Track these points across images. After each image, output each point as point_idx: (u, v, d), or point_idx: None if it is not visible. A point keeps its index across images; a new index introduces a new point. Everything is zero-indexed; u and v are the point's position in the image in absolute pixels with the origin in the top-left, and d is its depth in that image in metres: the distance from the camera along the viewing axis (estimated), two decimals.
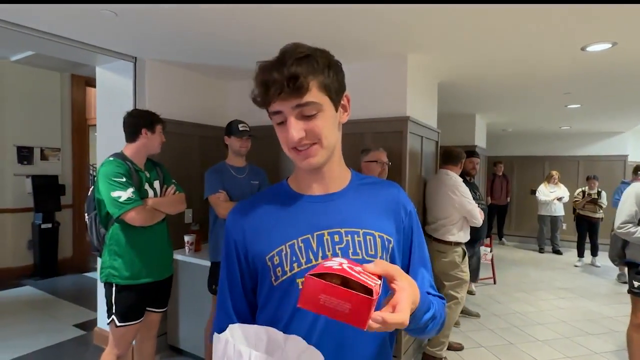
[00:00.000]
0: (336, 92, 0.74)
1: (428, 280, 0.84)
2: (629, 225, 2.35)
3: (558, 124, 6.36)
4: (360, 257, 0.75)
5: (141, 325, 2.02)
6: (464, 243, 2.93)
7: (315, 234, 0.77)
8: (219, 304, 0.85)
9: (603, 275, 5.45)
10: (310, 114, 0.71)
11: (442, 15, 2.00)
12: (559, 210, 6.58)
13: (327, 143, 0.75)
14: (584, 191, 5.96)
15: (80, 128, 5.20)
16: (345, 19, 2.06)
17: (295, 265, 0.75)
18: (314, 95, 0.70)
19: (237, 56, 2.69)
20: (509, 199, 7.29)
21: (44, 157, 4.83)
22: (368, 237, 0.77)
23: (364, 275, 0.56)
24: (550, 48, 2.53)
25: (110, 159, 1.93)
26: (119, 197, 1.81)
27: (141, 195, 1.93)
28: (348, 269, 0.56)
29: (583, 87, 3.67)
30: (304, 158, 0.74)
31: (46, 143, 4.86)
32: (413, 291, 0.61)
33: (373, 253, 0.77)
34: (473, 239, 3.10)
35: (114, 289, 1.92)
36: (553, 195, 6.51)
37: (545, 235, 6.86)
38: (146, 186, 2.00)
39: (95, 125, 3.09)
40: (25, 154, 4.67)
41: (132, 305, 1.94)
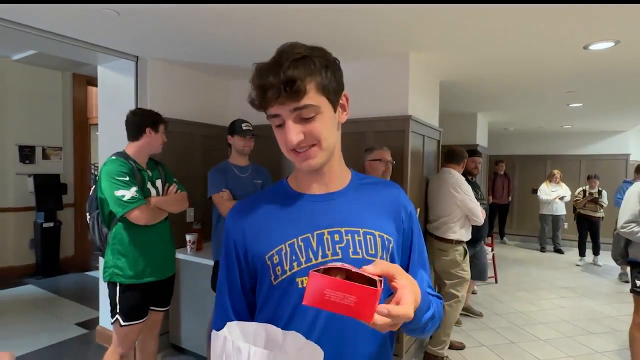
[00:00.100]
0: (334, 93, 0.74)
1: (427, 281, 0.84)
2: (632, 224, 2.34)
3: (560, 123, 6.35)
4: (360, 257, 0.75)
5: (144, 324, 2.02)
6: (465, 242, 2.93)
7: (315, 233, 0.76)
8: (217, 303, 0.84)
9: (604, 275, 5.44)
10: (308, 117, 0.70)
11: (444, 14, 2.00)
12: (560, 209, 6.57)
13: (327, 144, 0.74)
14: (584, 190, 5.95)
15: (82, 127, 5.21)
16: (346, 19, 2.05)
17: (295, 264, 0.75)
18: (311, 97, 0.69)
19: (239, 55, 2.69)
20: (510, 198, 7.28)
21: (45, 156, 4.84)
22: (368, 237, 0.77)
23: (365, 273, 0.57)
24: (553, 47, 2.52)
25: (113, 157, 1.92)
26: (123, 196, 1.81)
27: (144, 194, 1.92)
28: (349, 267, 0.57)
29: (585, 86, 3.65)
30: (304, 160, 0.74)
31: (48, 142, 4.86)
32: (414, 289, 0.61)
33: (373, 252, 0.76)
34: (474, 238, 3.10)
35: (118, 288, 1.91)
36: (554, 195, 6.50)
37: (546, 235, 6.86)
38: (148, 185, 1.99)
39: (96, 124, 3.10)
40: (27, 153, 4.67)
41: (136, 304, 1.94)
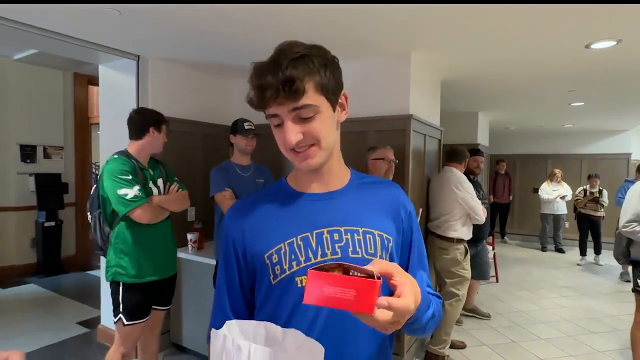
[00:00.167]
0: (333, 92, 0.73)
1: (426, 281, 0.84)
2: (634, 224, 2.33)
3: (561, 122, 6.34)
4: (359, 256, 0.75)
5: (146, 324, 2.02)
6: (467, 241, 2.92)
7: (314, 232, 0.76)
8: (216, 302, 0.84)
9: (606, 274, 5.43)
10: (307, 116, 0.70)
11: (445, 13, 1.99)
12: (561, 208, 6.56)
13: (326, 144, 0.74)
14: (585, 190, 5.95)
15: (83, 126, 5.22)
16: (348, 19, 2.05)
17: (294, 263, 0.74)
18: (310, 97, 0.69)
19: (240, 55, 2.69)
20: (511, 198, 7.28)
21: (46, 156, 4.84)
22: (368, 236, 0.77)
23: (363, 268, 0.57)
24: (554, 46, 2.51)
25: (115, 156, 1.92)
26: (126, 195, 1.80)
27: (146, 193, 1.92)
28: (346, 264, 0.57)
29: (587, 85, 3.65)
30: (303, 160, 0.74)
31: (49, 141, 4.87)
32: (414, 286, 0.60)
33: (373, 252, 0.76)
34: (476, 237, 3.09)
35: (121, 287, 1.91)
36: (556, 194, 6.49)
37: (547, 234, 6.85)
38: (150, 184, 1.99)
39: (97, 123, 3.10)
40: (28, 152, 4.68)
41: (139, 303, 1.94)
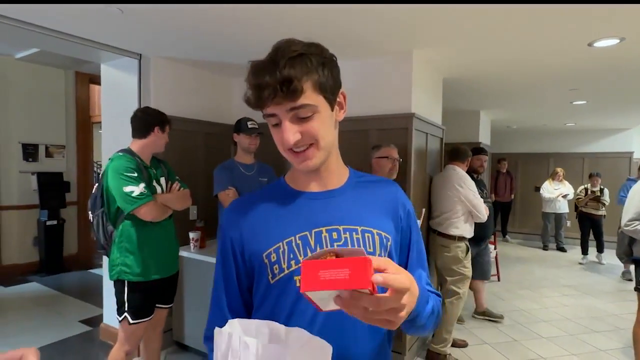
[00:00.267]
0: (331, 91, 0.73)
1: (425, 279, 0.84)
2: (636, 222, 2.32)
3: (563, 121, 6.32)
4: None
5: (149, 322, 2.02)
6: (468, 239, 2.92)
7: (313, 231, 0.76)
8: (213, 301, 0.83)
9: (607, 273, 5.43)
10: (305, 116, 0.70)
11: (445, 13, 1.99)
12: (563, 207, 6.55)
13: (324, 144, 0.73)
14: (586, 188, 5.94)
15: (85, 125, 5.23)
16: (347, 18, 2.05)
17: (292, 262, 0.74)
18: (308, 97, 0.68)
19: (241, 54, 2.68)
20: (512, 196, 7.27)
21: (48, 154, 4.85)
22: (366, 235, 0.76)
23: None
24: (557, 44, 2.50)
25: (120, 154, 1.92)
26: (132, 192, 1.80)
27: (150, 191, 1.92)
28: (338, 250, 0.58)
29: (589, 84, 3.64)
30: (302, 161, 0.74)
31: (51, 140, 4.88)
32: (410, 276, 0.59)
33: (371, 251, 0.76)
34: (480, 237, 3.09)
35: (126, 286, 1.91)
36: (557, 193, 6.48)
37: (549, 233, 6.84)
38: (154, 182, 2.00)
39: (99, 122, 3.10)
40: (30, 151, 4.69)
41: (144, 302, 1.94)
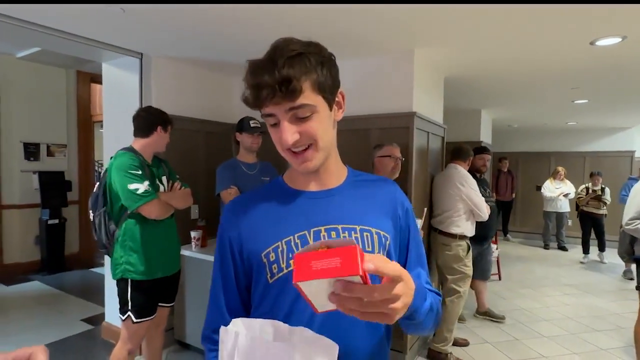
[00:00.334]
0: (330, 90, 0.72)
1: (424, 278, 0.84)
2: (637, 221, 2.32)
3: (564, 120, 6.31)
4: None
5: (152, 321, 2.02)
6: (469, 238, 2.92)
7: (312, 230, 0.75)
8: (211, 301, 0.83)
9: (609, 272, 5.42)
10: (304, 116, 0.69)
11: (447, 12, 1.99)
12: (564, 206, 6.55)
13: (323, 144, 0.73)
14: (587, 188, 5.93)
15: (86, 124, 5.23)
16: (347, 18, 2.06)
17: (291, 262, 0.74)
18: (307, 97, 0.68)
19: (242, 54, 2.68)
20: (513, 195, 7.27)
21: (50, 154, 4.86)
22: (365, 234, 0.76)
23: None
24: (558, 43, 2.50)
25: (123, 152, 1.92)
26: (137, 190, 1.80)
27: (154, 189, 1.93)
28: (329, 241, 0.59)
29: (591, 82, 3.63)
30: (301, 162, 0.74)
31: (52, 139, 4.88)
32: (401, 267, 0.57)
33: (370, 250, 0.76)
34: (482, 236, 3.08)
35: (130, 285, 1.90)
36: (558, 192, 6.48)
37: (550, 232, 6.84)
38: (156, 181, 2.00)
39: (100, 121, 3.10)
40: (31, 150, 4.69)
41: (147, 300, 1.94)
